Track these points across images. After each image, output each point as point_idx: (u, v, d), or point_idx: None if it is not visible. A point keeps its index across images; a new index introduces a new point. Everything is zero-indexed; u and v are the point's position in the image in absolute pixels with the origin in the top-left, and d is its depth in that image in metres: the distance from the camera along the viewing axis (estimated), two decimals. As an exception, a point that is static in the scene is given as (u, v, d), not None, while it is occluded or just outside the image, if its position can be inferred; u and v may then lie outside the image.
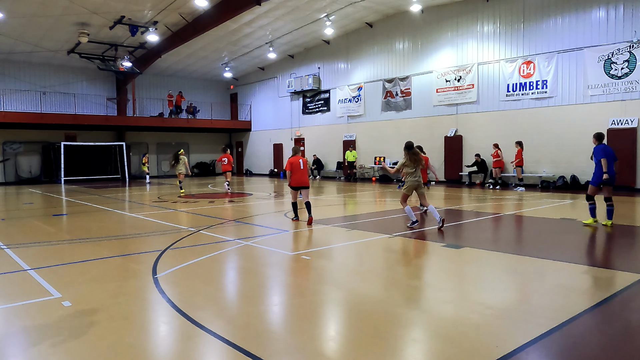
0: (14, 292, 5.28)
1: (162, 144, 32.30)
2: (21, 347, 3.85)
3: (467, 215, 11.29)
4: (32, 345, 3.86)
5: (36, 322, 4.31)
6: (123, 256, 7.14)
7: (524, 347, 3.59)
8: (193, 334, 4.01)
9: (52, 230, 9.70)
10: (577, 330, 3.98)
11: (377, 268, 6.50)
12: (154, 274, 5.88)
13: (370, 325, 4.16)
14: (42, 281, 5.63)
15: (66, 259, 6.91)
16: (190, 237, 8.56)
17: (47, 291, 5.24)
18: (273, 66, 30.66)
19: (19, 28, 21.74)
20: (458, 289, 5.35)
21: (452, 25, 20.99)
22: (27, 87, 26.94)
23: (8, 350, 3.80)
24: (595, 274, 5.79)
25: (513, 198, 14.76)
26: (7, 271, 6.22)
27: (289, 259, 6.86)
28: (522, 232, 9.42)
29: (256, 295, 5.20)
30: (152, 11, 20.91)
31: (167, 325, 4.28)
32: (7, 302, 4.93)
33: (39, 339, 3.96)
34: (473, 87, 20.36)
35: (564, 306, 4.53)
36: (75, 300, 4.90)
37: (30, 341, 3.94)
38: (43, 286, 5.44)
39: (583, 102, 17.18)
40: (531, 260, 6.48)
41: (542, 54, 18.17)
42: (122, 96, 29.77)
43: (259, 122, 33.04)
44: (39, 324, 4.28)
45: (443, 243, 7.64)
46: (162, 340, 4.02)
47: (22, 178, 26.99)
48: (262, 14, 21.82)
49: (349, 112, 26.02)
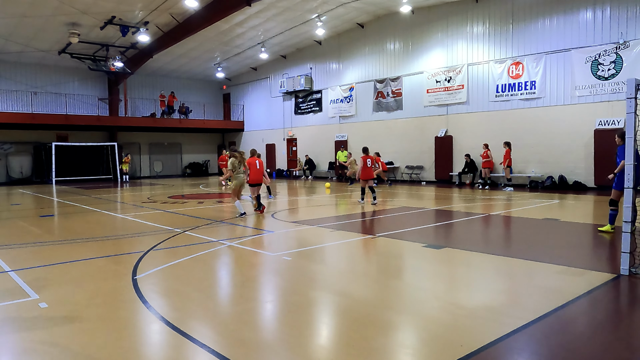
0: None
1: (154, 144, 32.27)
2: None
3: (453, 215, 11.38)
4: (7, 345, 3.90)
5: (11, 324, 4.34)
6: (105, 257, 7.17)
7: (488, 346, 3.66)
8: (168, 336, 4.05)
9: (37, 232, 9.70)
10: (542, 329, 4.05)
11: (356, 268, 6.56)
12: (133, 275, 5.92)
13: (346, 326, 4.22)
14: (21, 282, 5.66)
15: (47, 260, 6.93)
16: (174, 238, 8.59)
17: (25, 292, 5.27)
18: (265, 66, 30.70)
19: (10, 28, 21.69)
20: (432, 288, 5.42)
21: (442, 26, 21.10)
22: (18, 87, 26.86)
23: (-20, 351, 3.83)
24: (568, 273, 5.88)
25: (501, 198, 14.87)
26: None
27: (270, 260, 6.91)
28: (504, 232, 9.51)
29: (233, 297, 5.25)
30: (142, 11, 20.90)
31: (142, 327, 4.32)
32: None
33: (12, 341, 3.99)
34: (463, 87, 20.48)
35: (534, 306, 4.61)
36: (52, 301, 4.94)
37: (4, 341, 3.97)
38: (21, 287, 5.46)
39: (571, 102, 17.33)
40: (508, 260, 6.56)
41: (530, 55, 18.31)
42: (113, 96, 29.72)
43: (251, 122, 33.07)
44: (14, 325, 4.31)
45: (424, 243, 7.71)
46: (135, 342, 4.06)
47: (13, 178, 26.91)
48: (253, 15, 21.86)
49: (341, 112, 26.10)
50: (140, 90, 31.43)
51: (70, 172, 27.21)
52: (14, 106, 26.35)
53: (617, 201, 8.12)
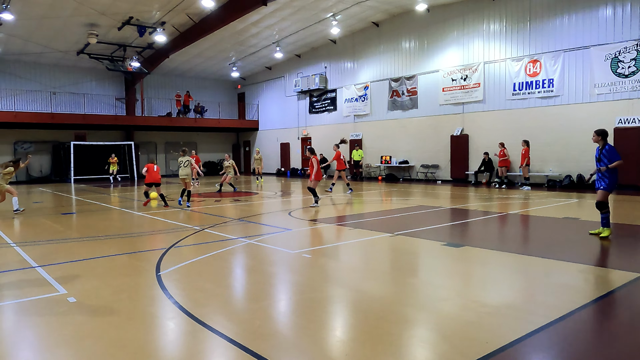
0: (23, 289, 5.45)
1: (170, 143, 32.59)
2: (29, 342, 4.00)
3: (471, 214, 11.33)
4: (39, 340, 4.01)
5: (43, 318, 4.46)
6: (128, 254, 7.29)
7: (513, 344, 3.67)
8: (194, 331, 4.13)
9: (60, 229, 9.90)
10: (567, 328, 4.04)
11: (376, 266, 6.58)
12: (157, 272, 6.02)
13: (368, 322, 4.26)
14: (49, 278, 5.79)
15: (72, 257, 7.08)
16: (194, 235, 8.70)
17: (54, 288, 5.40)
18: (280, 66, 30.80)
19: (30, 29, 22.09)
20: (454, 287, 5.42)
21: (459, 24, 20.97)
22: (38, 87, 27.34)
23: (17, 345, 3.94)
24: (592, 272, 5.83)
25: (518, 197, 14.76)
26: (16, 268, 6.39)
27: (290, 257, 6.97)
28: (523, 231, 9.45)
29: (257, 293, 5.32)
30: (159, 12, 21.12)
31: (168, 321, 4.40)
32: (16, 298, 5.09)
33: (45, 333, 4.11)
34: (479, 86, 20.34)
35: (557, 304, 4.59)
36: (80, 296, 5.05)
37: (37, 336, 4.08)
38: (50, 283, 5.60)
39: (590, 100, 17.11)
40: (529, 259, 6.53)
41: (548, 53, 18.11)
42: (130, 96, 30.09)
43: (266, 122, 33.21)
44: (46, 319, 4.43)
45: (444, 242, 7.71)
46: (163, 336, 4.14)
47: (33, 177, 27.41)
48: (268, 14, 21.96)
49: (356, 111, 26.08)
50: (156, 90, 31.78)
51: (88, 170, 27.61)
52: (33, 106, 26.83)
53: (606, 202, 7.75)
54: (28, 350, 3.83)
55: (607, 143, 7.83)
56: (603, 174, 7.79)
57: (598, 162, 7.86)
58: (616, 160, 7.61)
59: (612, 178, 7.73)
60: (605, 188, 7.76)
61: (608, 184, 7.73)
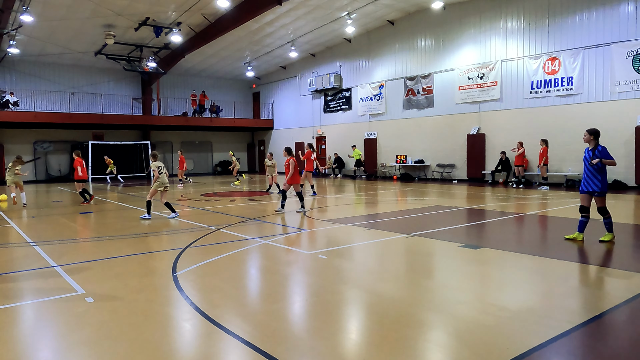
0: (42, 288, 5.51)
1: (186, 143, 32.84)
2: (48, 341, 4.03)
3: (488, 214, 11.18)
4: (58, 339, 4.05)
5: (61, 318, 4.51)
6: (145, 254, 7.34)
7: (535, 350, 3.58)
8: (210, 332, 4.13)
9: (78, 228, 10.02)
10: (590, 334, 3.94)
11: (392, 268, 6.52)
12: (173, 272, 6.04)
13: (384, 325, 4.21)
14: (67, 277, 5.85)
15: (90, 256, 7.15)
16: (210, 235, 8.73)
17: (72, 287, 5.45)
18: (295, 65, 30.81)
19: (49, 31, 22.44)
20: (473, 289, 5.34)
21: (475, 21, 20.73)
22: (57, 87, 27.77)
23: (36, 344, 3.98)
24: (613, 275, 5.69)
25: (537, 197, 14.52)
26: (35, 267, 6.48)
27: (305, 258, 6.94)
28: (542, 232, 9.29)
29: (273, 294, 5.30)
30: (175, 12, 21.27)
31: (185, 322, 4.41)
32: (36, 297, 5.15)
33: (64, 333, 4.14)
34: (496, 84, 20.08)
35: (579, 308, 4.49)
36: (97, 296, 5.09)
37: (56, 336, 4.12)
38: (68, 282, 5.65)
39: (610, 99, 16.76)
40: (548, 262, 6.40)
41: (567, 50, 17.79)
42: (147, 96, 30.39)
43: (281, 121, 33.26)
44: (64, 318, 4.47)
45: (461, 243, 7.60)
46: (180, 337, 4.15)
47: (52, 176, 27.86)
48: (283, 14, 21.96)
49: (371, 110, 25.97)
50: (172, 90, 32.05)
51: (106, 170, 27.91)
52: (52, 106, 27.29)
53: (605, 206, 7.43)
54: (47, 351, 3.86)
55: (599, 144, 7.50)
56: (594, 175, 7.43)
57: (588, 163, 7.48)
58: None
59: (604, 180, 7.38)
60: (600, 193, 7.41)
61: (601, 187, 7.37)
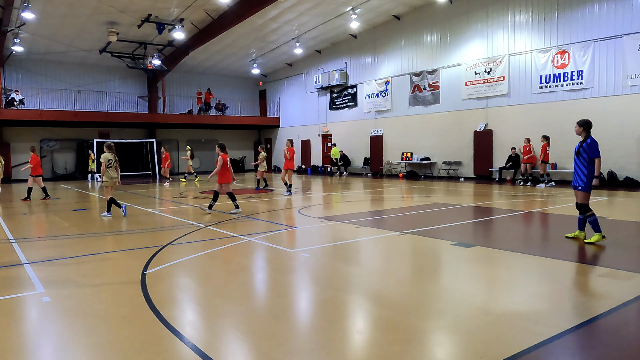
0: (1, 286, 5.25)
1: (191, 141, 32.68)
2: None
3: (488, 212, 10.72)
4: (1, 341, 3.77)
5: (3, 319, 4.23)
6: (123, 251, 7.08)
7: (524, 353, 3.20)
8: (161, 335, 3.81)
9: (65, 225, 9.81)
10: (586, 337, 3.54)
11: (378, 266, 6.16)
12: (144, 270, 5.75)
13: (369, 330, 3.86)
14: (33, 276, 5.59)
15: (66, 254, 6.90)
16: (195, 232, 8.45)
17: (33, 286, 5.18)
18: (300, 62, 30.50)
19: (53, 28, 22.42)
20: (459, 290, 4.95)
21: (482, 15, 20.19)
22: (62, 86, 27.81)
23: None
24: (614, 276, 5.25)
25: (543, 194, 14.00)
26: (5, 264, 6.24)
27: (286, 256, 6.61)
28: (542, 230, 8.83)
29: (240, 295, 4.96)
30: (177, 9, 21.09)
31: (138, 325, 4.09)
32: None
33: (7, 334, 3.86)
34: (504, 79, 19.53)
35: (575, 311, 4.09)
36: (56, 295, 4.81)
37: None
38: (31, 281, 5.39)
39: (622, 93, 16.13)
40: (547, 261, 5.98)
41: (577, 43, 17.19)
42: (152, 94, 30.33)
43: (287, 119, 32.98)
44: (5, 320, 4.20)
45: (454, 241, 7.20)
46: (128, 339, 3.83)
47: (58, 174, 27.92)
48: (287, 9, 21.65)
49: (376, 107, 25.54)
50: (177, 88, 31.95)
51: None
52: (58, 104, 27.33)
53: (587, 205, 6.98)
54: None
55: (589, 136, 7.09)
56: (580, 169, 6.98)
57: (577, 156, 7.04)
58: (595, 156, 6.87)
59: (590, 177, 6.92)
60: (584, 189, 6.97)
61: (586, 184, 6.93)
